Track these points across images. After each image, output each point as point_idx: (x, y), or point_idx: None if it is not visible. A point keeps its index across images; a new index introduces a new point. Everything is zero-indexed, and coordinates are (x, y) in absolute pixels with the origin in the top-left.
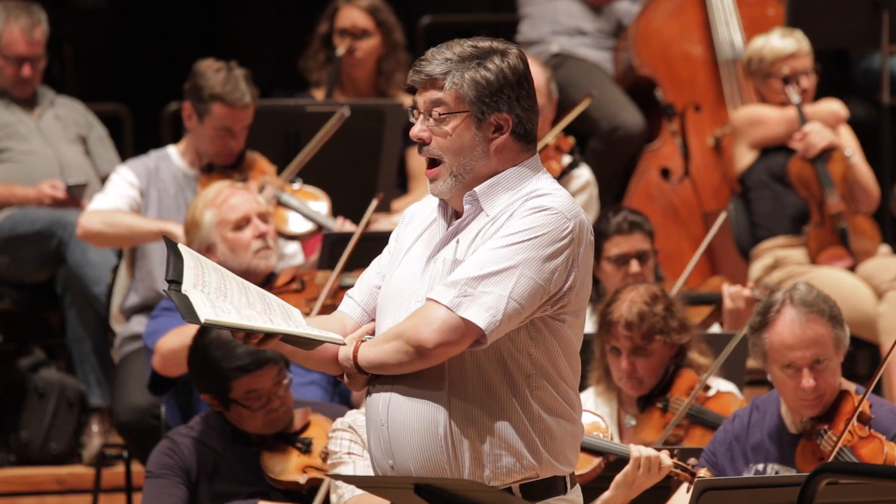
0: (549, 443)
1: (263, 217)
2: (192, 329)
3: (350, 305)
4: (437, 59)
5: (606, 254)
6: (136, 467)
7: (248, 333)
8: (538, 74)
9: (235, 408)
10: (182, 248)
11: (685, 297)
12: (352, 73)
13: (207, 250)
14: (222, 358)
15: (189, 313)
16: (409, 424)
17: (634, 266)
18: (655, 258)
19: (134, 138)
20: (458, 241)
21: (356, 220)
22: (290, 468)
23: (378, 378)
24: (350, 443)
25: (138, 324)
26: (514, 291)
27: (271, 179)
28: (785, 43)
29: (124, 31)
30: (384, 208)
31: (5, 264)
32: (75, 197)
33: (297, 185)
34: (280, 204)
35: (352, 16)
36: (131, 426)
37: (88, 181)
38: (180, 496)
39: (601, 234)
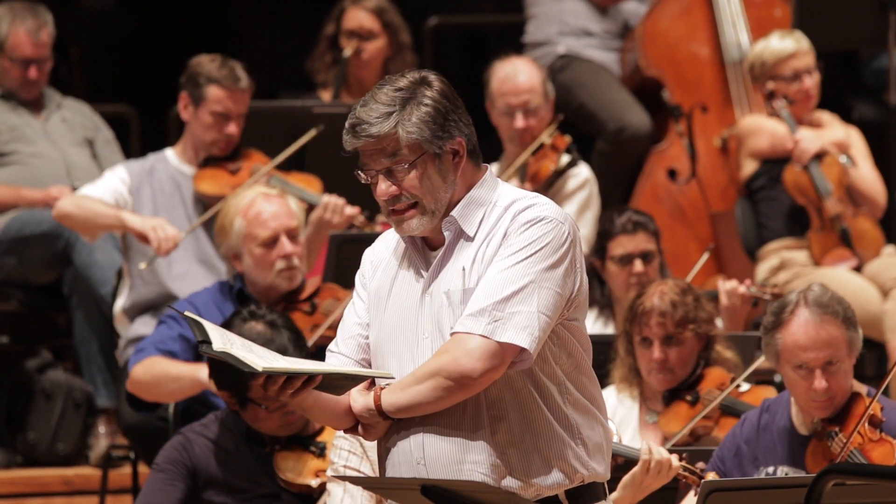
0: (590, 447)
1: (293, 234)
2: (160, 363)
3: (341, 360)
4: (377, 117)
5: (611, 253)
6: (143, 468)
7: (285, 384)
8: (534, 76)
9: (252, 407)
10: (193, 315)
11: None
12: (358, 75)
13: (234, 258)
14: None
15: (243, 365)
16: (448, 459)
17: (638, 266)
18: (662, 258)
19: (141, 139)
20: (464, 270)
21: (367, 218)
22: (304, 471)
23: (402, 420)
24: (348, 454)
25: (143, 325)
26: (541, 305)
27: (263, 166)
28: (784, 44)
29: (131, 32)
30: None
31: (12, 265)
32: None
33: (291, 173)
34: (270, 185)
35: (358, 17)
36: (138, 427)
37: None
38: (175, 494)
39: (606, 234)
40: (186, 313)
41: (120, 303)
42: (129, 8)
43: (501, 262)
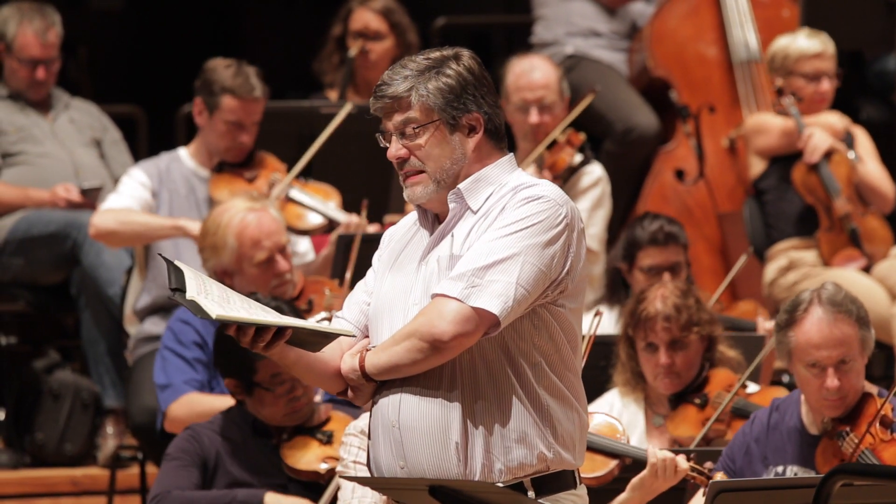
0: (559, 432)
1: (284, 251)
2: (201, 400)
3: (342, 324)
4: (397, 80)
5: (639, 263)
6: (151, 469)
7: (256, 336)
8: (550, 73)
9: (258, 392)
10: (179, 263)
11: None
12: (366, 76)
13: (224, 273)
14: None
15: (199, 312)
16: (421, 423)
17: (666, 279)
18: (688, 269)
19: (148, 140)
20: (452, 236)
21: (371, 220)
22: (310, 458)
23: (385, 383)
24: (358, 450)
25: (152, 325)
26: (521, 278)
27: (281, 176)
28: (812, 43)
29: (139, 32)
30: (398, 209)
31: (20, 266)
32: (91, 200)
33: (307, 181)
34: (290, 200)
35: (365, 18)
36: (146, 428)
37: (103, 184)
38: (192, 479)
39: (636, 242)
40: (176, 263)
41: (131, 303)
42: (137, 8)
43: (492, 233)
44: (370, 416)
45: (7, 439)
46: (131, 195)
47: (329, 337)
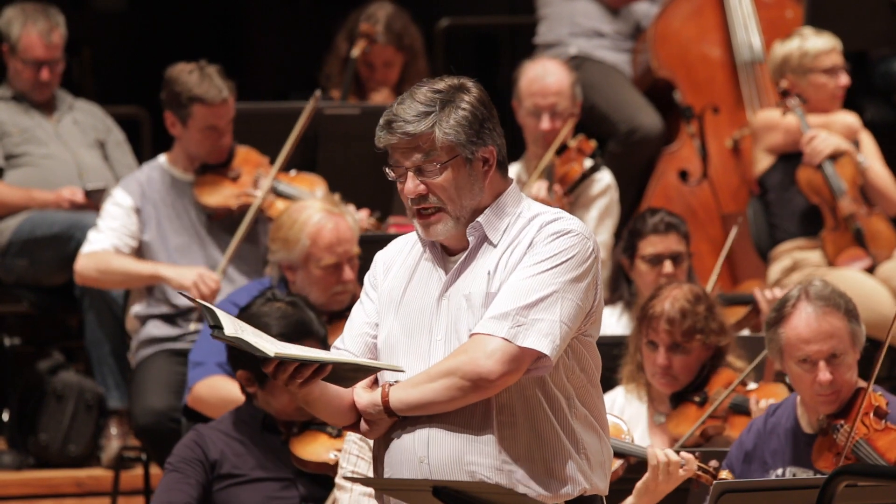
0: (593, 462)
1: (353, 260)
2: (225, 384)
3: (346, 356)
4: (413, 115)
5: (641, 252)
6: (155, 470)
7: (295, 372)
8: (563, 78)
9: (271, 385)
10: (204, 303)
11: (721, 298)
12: (369, 80)
13: (288, 268)
14: (261, 327)
15: (256, 352)
16: (454, 459)
17: (668, 266)
18: (690, 261)
19: (152, 141)
20: (489, 273)
21: (377, 220)
22: (319, 450)
23: (407, 417)
24: (357, 458)
25: (154, 328)
26: (563, 315)
27: (265, 171)
28: (823, 40)
29: (143, 33)
30: (402, 212)
31: (24, 267)
32: (94, 201)
33: (292, 173)
34: (277, 194)
35: (374, 50)
36: (150, 429)
37: (107, 186)
38: (191, 493)
39: (637, 233)
40: (198, 300)
41: (135, 309)
42: (140, 9)
43: (527, 270)
44: (385, 449)
45: (10, 440)
46: (113, 228)
47: (370, 372)
